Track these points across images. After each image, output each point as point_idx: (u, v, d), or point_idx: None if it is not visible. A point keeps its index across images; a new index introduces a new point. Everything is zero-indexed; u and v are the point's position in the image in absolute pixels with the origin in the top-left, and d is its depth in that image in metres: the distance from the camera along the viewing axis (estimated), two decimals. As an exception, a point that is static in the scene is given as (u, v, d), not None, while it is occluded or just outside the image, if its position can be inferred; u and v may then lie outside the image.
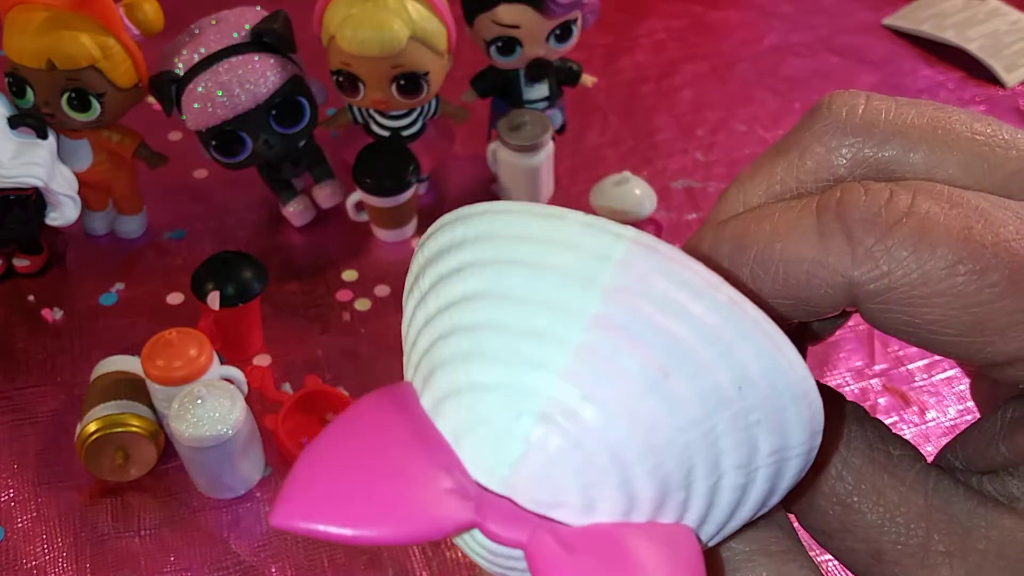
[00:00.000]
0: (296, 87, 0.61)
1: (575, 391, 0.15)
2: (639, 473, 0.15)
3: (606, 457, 0.15)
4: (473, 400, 0.16)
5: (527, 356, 0.15)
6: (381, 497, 0.15)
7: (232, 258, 0.57)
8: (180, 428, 0.48)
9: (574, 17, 0.66)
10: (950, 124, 0.21)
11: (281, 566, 0.49)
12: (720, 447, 0.16)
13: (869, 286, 0.18)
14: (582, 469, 0.15)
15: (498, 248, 0.16)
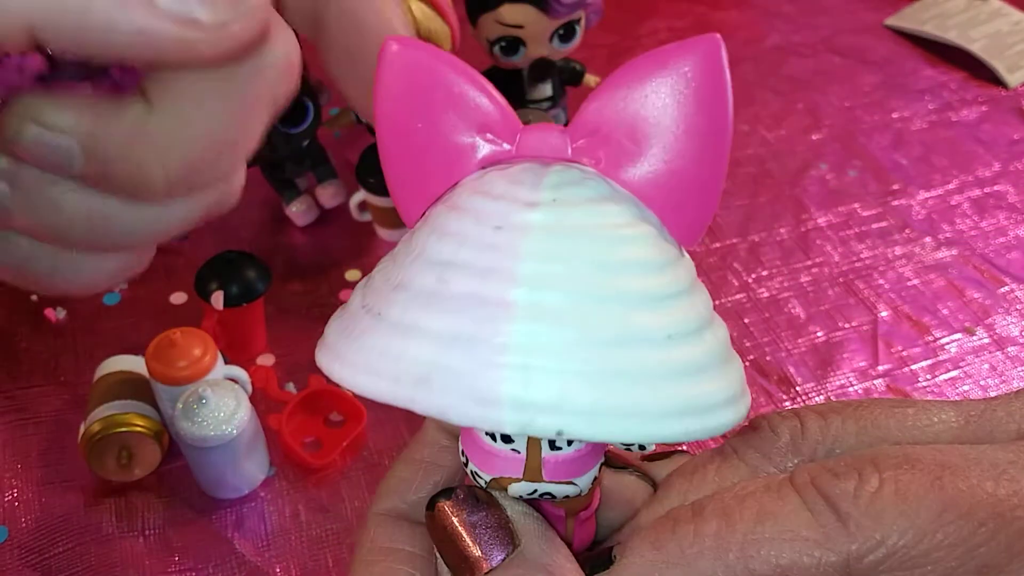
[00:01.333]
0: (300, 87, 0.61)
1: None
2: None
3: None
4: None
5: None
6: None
7: (236, 258, 0.57)
8: (184, 428, 0.48)
9: (577, 17, 0.66)
10: (872, 415, 0.23)
11: (285, 566, 0.49)
12: None
13: (868, 557, 0.19)
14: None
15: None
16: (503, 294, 0.18)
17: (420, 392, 0.19)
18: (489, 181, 0.20)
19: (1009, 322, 0.64)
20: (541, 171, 0.20)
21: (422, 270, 0.20)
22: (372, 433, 0.55)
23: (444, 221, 0.20)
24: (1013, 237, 0.71)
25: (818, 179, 0.76)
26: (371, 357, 0.20)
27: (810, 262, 0.68)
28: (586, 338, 0.18)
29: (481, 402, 0.18)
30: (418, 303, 0.19)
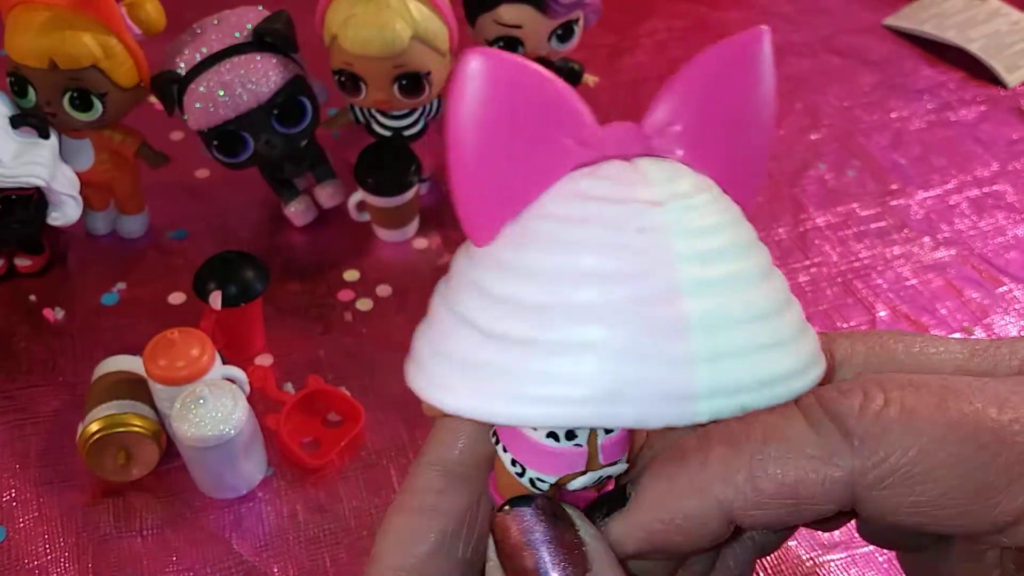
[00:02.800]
0: (298, 87, 0.61)
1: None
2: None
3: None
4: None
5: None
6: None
7: (234, 258, 0.57)
8: (182, 428, 0.48)
9: (576, 17, 0.66)
10: (880, 340, 0.24)
11: (283, 566, 0.49)
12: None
13: (871, 474, 0.19)
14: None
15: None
16: (671, 298, 0.19)
17: (611, 407, 0.19)
18: (591, 185, 0.20)
19: (1007, 322, 0.64)
20: (634, 167, 0.21)
21: (572, 286, 0.19)
22: (370, 433, 0.55)
23: (567, 233, 0.20)
24: (1012, 237, 0.71)
25: (817, 179, 0.76)
26: (546, 386, 0.19)
27: (808, 262, 0.68)
28: (745, 320, 0.20)
29: (677, 401, 0.19)
30: (586, 318, 0.19)
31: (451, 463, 0.24)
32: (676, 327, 0.19)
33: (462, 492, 0.24)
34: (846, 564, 0.50)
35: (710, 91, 0.21)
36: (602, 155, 0.21)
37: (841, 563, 0.50)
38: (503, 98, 0.20)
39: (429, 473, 0.25)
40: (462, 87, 0.20)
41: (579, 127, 0.21)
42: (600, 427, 0.20)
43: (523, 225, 0.21)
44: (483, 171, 0.20)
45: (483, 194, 0.21)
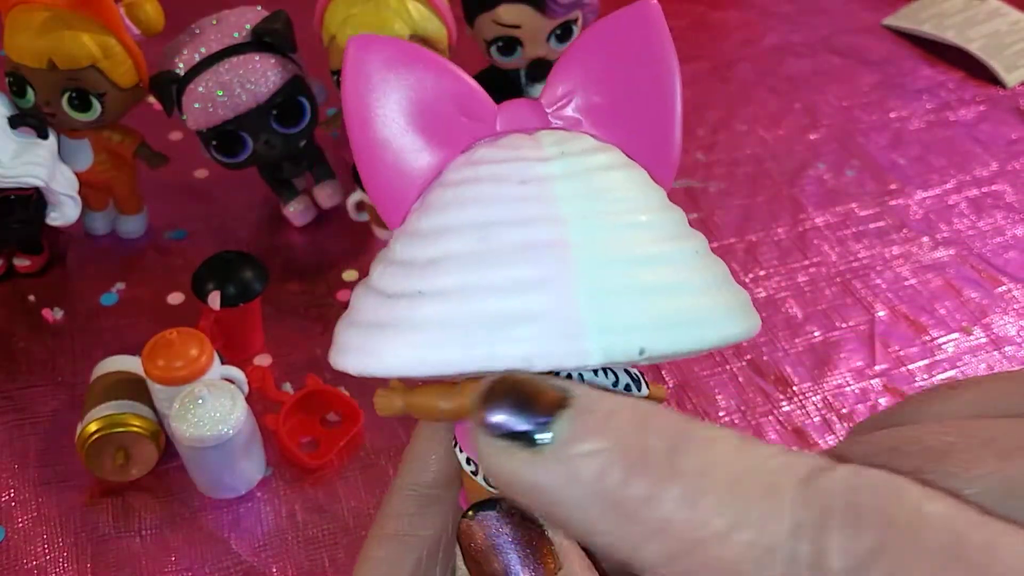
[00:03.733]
0: (297, 87, 0.61)
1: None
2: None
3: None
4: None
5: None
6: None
7: (233, 258, 0.57)
8: (181, 428, 0.48)
9: (575, 17, 0.66)
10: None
11: (282, 566, 0.49)
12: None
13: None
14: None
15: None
16: (554, 234, 0.19)
17: (499, 345, 0.18)
18: (486, 153, 0.21)
19: (1006, 322, 0.64)
20: (532, 136, 0.21)
21: (456, 238, 0.20)
22: (369, 433, 0.55)
23: (456, 193, 0.20)
24: (1011, 237, 0.71)
25: (816, 179, 0.76)
26: (428, 332, 0.19)
27: (807, 262, 0.68)
28: (637, 261, 0.19)
29: (563, 337, 0.18)
30: (465, 265, 0.19)
31: (424, 485, 0.24)
32: (558, 263, 0.19)
33: (436, 513, 0.24)
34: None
35: (606, 63, 0.22)
36: (503, 130, 0.22)
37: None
38: (390, 82, 0.21)
39: (403, 497, 0.24)
40: (346, 78, 0.20)
41: (473, 104, 0.21)
42: (489, 369, 0.19)
43: (424, 196, 0.21)
44: (381, 155, 0.21)
45: (386, 177, 0.21)
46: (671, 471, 0.15)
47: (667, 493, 0.15)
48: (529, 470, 0.16)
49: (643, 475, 0.15)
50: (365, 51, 0.20)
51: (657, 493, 0.15)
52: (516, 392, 0.17)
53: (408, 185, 0.21)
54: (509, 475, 0.16)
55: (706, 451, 0.15)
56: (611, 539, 0.16)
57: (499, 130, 0.22)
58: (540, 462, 0.16)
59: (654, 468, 0.15)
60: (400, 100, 0.21)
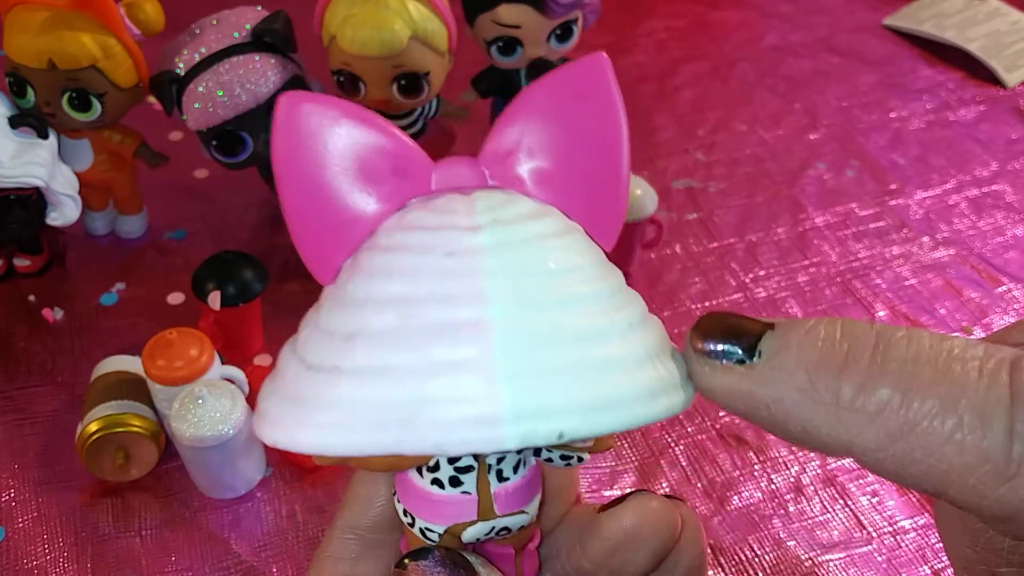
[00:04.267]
0: (297, 87, 0.61)
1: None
2: None
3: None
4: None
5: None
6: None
7: (233, 258, 0.57)
8: (181, 428, 0.48)
9: (575, 17, 0.66)
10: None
11: (282, 566, 0.49)
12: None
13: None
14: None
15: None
16: (476, 314, 0.18)
17: (407, 432, 0.18)
18: (417, 217, 0.20)
19: (1007, 321, 0.64)
20: (467, 198, 0.21)
21: (376, 311, 0.19)
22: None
23: (384, 261, 0.20)
24: (1011, 237, 0.71)
25: (816, 179, 0.76)
26: (339, 412, 0.19)
27: (807, 262, 0.68)
28: (562, 340, 0.19)
29: (479, 423, 0.18)
30: (383, 344, 0.19)
31: (365, 528, 0.24)
32: (477, 350, 0.18)
33: (379, 557, 0.24)
34: (845, 564, 0.50)
35: (552, 119, 0.21)
36: (438, 189, 0.21)
37: (840, 563, 0.50)
38: (318, 142, 0.20)
39: (345, 540, 0.24)
40: (276, 134, 0.20)
41: (406, 163, 0.21)
42: (400, 453, 0.18)
43: (354, 258, 0.21)
44: (310, 213, 0.21)
45: (315, 235, 0.21)
46: (879, 366, 0.17)
47: (879, 385, 0.17)
48: (746, 382, 0.19)
49: (852, 374, 0.17)
50: (296, 107, 0.20)
51: (869, 386, 0.17)
52: (724, 323, 0.20)
53: (340, 242, 0.21)
54: (728, 389, 0.19)
55: (908, 345, 0.17)
56: (828, 431, 0.18)
57: (434, 189, 0.21)
58: (755, 373, 0.19)
59: (862, 366, 0.17)
60: (331, 156, 0.20)
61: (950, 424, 0.16)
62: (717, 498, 0.53)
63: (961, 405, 0.16)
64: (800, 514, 0.52)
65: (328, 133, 0.20)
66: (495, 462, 0.22)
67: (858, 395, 0.17)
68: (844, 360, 0.18)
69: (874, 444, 0.17)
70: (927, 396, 0.17)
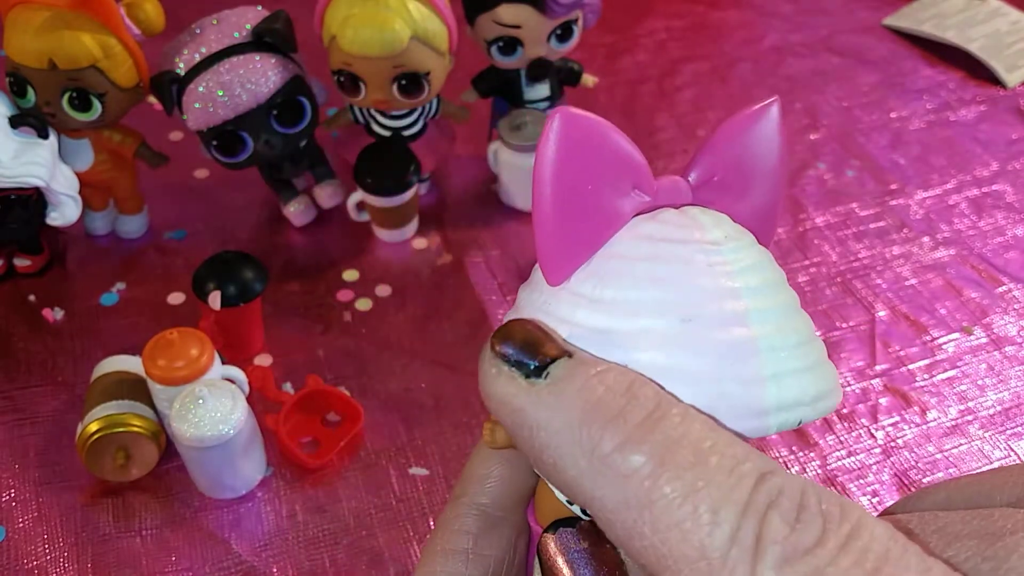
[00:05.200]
0: (297, 87, 0.61)
1: None
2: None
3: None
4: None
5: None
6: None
7: (233, 258, 0.57)
8: (181, 428, 0.48)
9: (575, 17, 0.66)
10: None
11: (282, 566, 0.49)
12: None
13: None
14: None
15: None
16: (745, 329, 0.21)
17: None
18: (656, 230, 0.22)
19: (1007, 321, 0.64)
20: (688, 214, 0.23)
21: (656, 316, 0.21)
22: (369, 433, 0.55)
23: (648, 271, 0.22)
24: (1011, 237, 0.71)
25: (816, 179, 0.76)
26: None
27: (808, 262, 0.68)
28: (796, 343, 0.22)
29: (752, 415, 0.21)
30: (667, 345, 0.21)
31: (488, 505, 0.25)
32: (747, 350, 0.21)
33: (501, 534, 0.25)
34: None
35: (738, 150, 0.24)
36: (657, 204, 0.23)
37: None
38: (581, 153, 0.22)
39: (467, 515, 0.25)
40: (545, 144, 0.22)
41: (641, 178, 0.23)
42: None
43: (595, 265, 0.22)
44: (561, 219, 0.22)
45: (560, 240, 0.22)
46: (645, 431, 0.17)
47: (636, 450, 0.17)
48: (522, 396, 0.19)
49: (618, 430, 0.18)
50: (560, 122, 0.22)
51: (628, 447, 0.17)
52: (528, 335, 0.20)
53: (578, 248, 0.23)
54: (503, 396, 0.19)
55: (680, 422, 0.18)
56: (575, 474, 0.18)
57: (654, 204, 0.23)
58: (533, 392, 0.19)
59: (629, 426, 0.18)
60: (582, 168, 0.22)
61: (685, 511, 0.17)
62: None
63: (700, 495, 0.17)
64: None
65: (583, 146, 0.22)
66: None
67: (615, 452, 0.17)
68: (616, 414, 0.18)
69: (612, 504, 0.17)
70: (676, 477, 0.17)
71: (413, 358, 0.60)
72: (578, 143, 0.22)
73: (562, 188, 0.22)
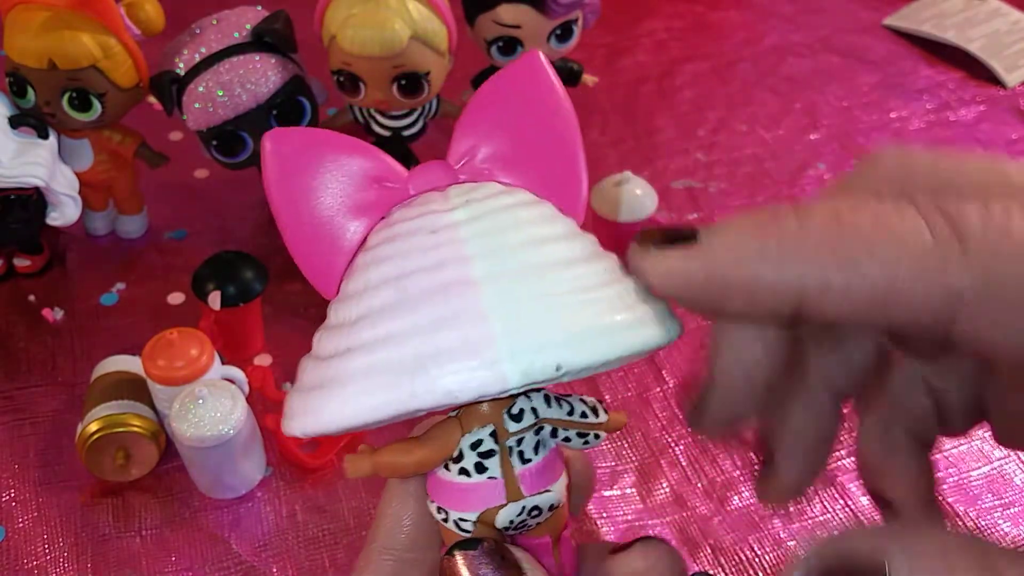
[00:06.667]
0: (297, 87, 0.61)
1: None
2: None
3: None
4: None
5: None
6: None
7: (233, 258, 0.57)
8: (181, 428, 0.48)
9: (575, 17, 0.66)
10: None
11: (282, 566, 0.49)
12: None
13: (984, 290, 0.17)
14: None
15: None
16: (461, 273, 0.21)
17: (419, 383, 0.20)
18: (400, 214, 0.23)
19: (1007, 322, 0.64)
20: (442, 192, 0.23)
21: (375, 294, 0.21)
22: (369, 433, 0.55)
23: (374, 254, 0.22)
24: (1011, 237, 0.71)
25: (816, 179, 0.76)
26: (355, 383, 0.20)
27: (808, 262, 0.68)
28: (549, 283, 0.21)
29: (481, 366, 0.20)
30: (385, 317, 0.21)
31: (401, 548, 0.24)
32: (470, 302, 0.20)
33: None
34: (845, 564, 0.50)
35: (503, 115, 0.24)
36: (419, 191, 0.23)
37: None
38: (300, 167, 0.23)
39: (380, 562, 0.24)
40: (267, 169, 0.23)
41: (386, 173, 0.23)
42: (414, 408, 0.20)
43: (352, 264, 0.23)
44: (307, 235, 0.23)
45: (315, 254, 0.23)
46: (807, 207, 0.19)
47: (815, 209, 0.19)
48: (685, 260, 0.20)
49: (787, 216, 0.19)
50: (280, 144, 0.23)
51: (804, 215, 0.19)
52: (666, 229, 0.21)
53: (337, 258, 0.23)
54: (668, 270, 0.20)
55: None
56: (777, 275, 0.19)
57: (412, 193, 0.23)
58: (695, 250, 0.20)
59: (792, 210, 0.19)
60: (320, 183, 0.23)
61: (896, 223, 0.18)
62: (717, 498, 0.53)
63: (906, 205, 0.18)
64: (800, 514, 0.52)
65: (313, 162, 0.23)
66: (515, 443, 0.23)
67: (801, 222, 0.19)
68: (775, 212, 0.19)
69: (819, 271, 0.18)
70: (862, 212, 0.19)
71: (413, 358, 0.60)
72: (294, 157, 0.23)
73: (293, 206, 0.23)
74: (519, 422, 0.23)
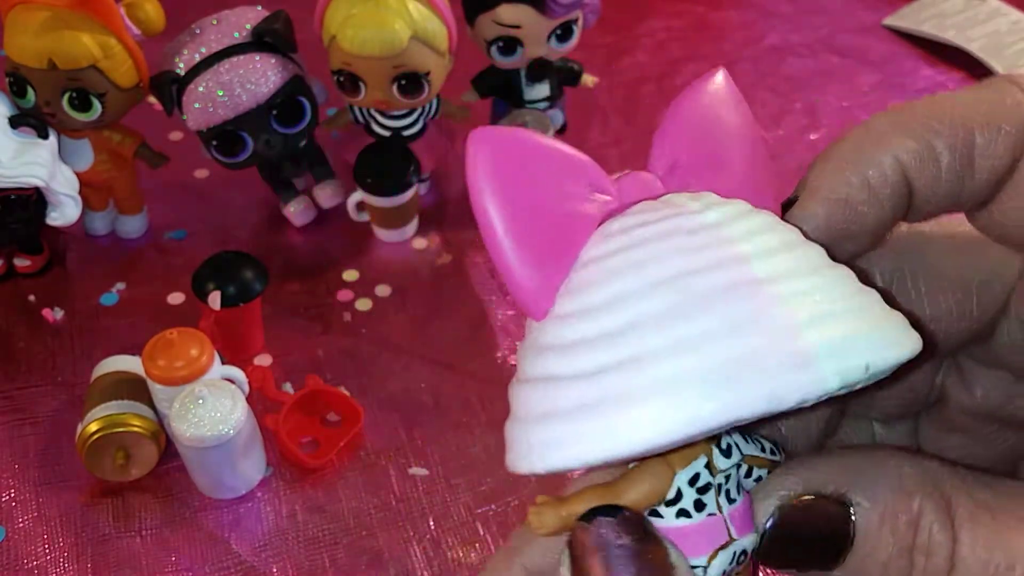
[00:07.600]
0: (297, 87, 0.61)
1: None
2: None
3: None
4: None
5: None
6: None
7: (233, 258, 0.57)
8: (181, 428, 0.48)
9: (575, 17, 0.66)
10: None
11: (282, 566, 0.49)
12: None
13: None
14: None
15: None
16: (746, 274, 0.19)
17: (737, 392, 0.17)
18: (628, 221, 0.20)
19: (1007, 322, 0.64)
20: (666, 199, 0.21)
21: (647, 298, 0.19)
22: (369, 433, 0.55)
23: (625, 259, 0.19)
24: (1011, 237, 0.71)
25: (816, 179, 0.76)
26: (659, 397, 0.18)
27: (808, 262, 0.68)
28: (824, 286, 0.19)
29: (797, 368, 0.18)
30: (670, 321, 0.18)
31: (537, 570, 0.22)
32: (758, 299, 0.18)
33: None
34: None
35: (694, 126, 0.24)
36: (625, 204, 0.21)
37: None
38: (514, 171, 0.20)
39: (513, 572, 0.22)
40: (474, 174, 0.20)
41: (594, 178, 0.21)
42: (728, 424, 0.18)
43: (571, 281, 0.20)
44: (518, 250, 0.20)
45: (525, 272, 0.20)
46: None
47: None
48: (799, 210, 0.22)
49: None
50: (490, 145, 0.20)
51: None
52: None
53: (557, 272, 0.20)
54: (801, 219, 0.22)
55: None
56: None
57: (621, 202, 0.21)
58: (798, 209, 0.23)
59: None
60: (522, 190, 0.20)
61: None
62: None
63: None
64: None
65: (529, 159, 0.20)
66: (724, 480, 0.21)
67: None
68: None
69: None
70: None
71: (413, 358, 0.60)
72: (508, 161, 0.20)
73: (507, 217, 0.20)
74: (728, 458, 0.21)
